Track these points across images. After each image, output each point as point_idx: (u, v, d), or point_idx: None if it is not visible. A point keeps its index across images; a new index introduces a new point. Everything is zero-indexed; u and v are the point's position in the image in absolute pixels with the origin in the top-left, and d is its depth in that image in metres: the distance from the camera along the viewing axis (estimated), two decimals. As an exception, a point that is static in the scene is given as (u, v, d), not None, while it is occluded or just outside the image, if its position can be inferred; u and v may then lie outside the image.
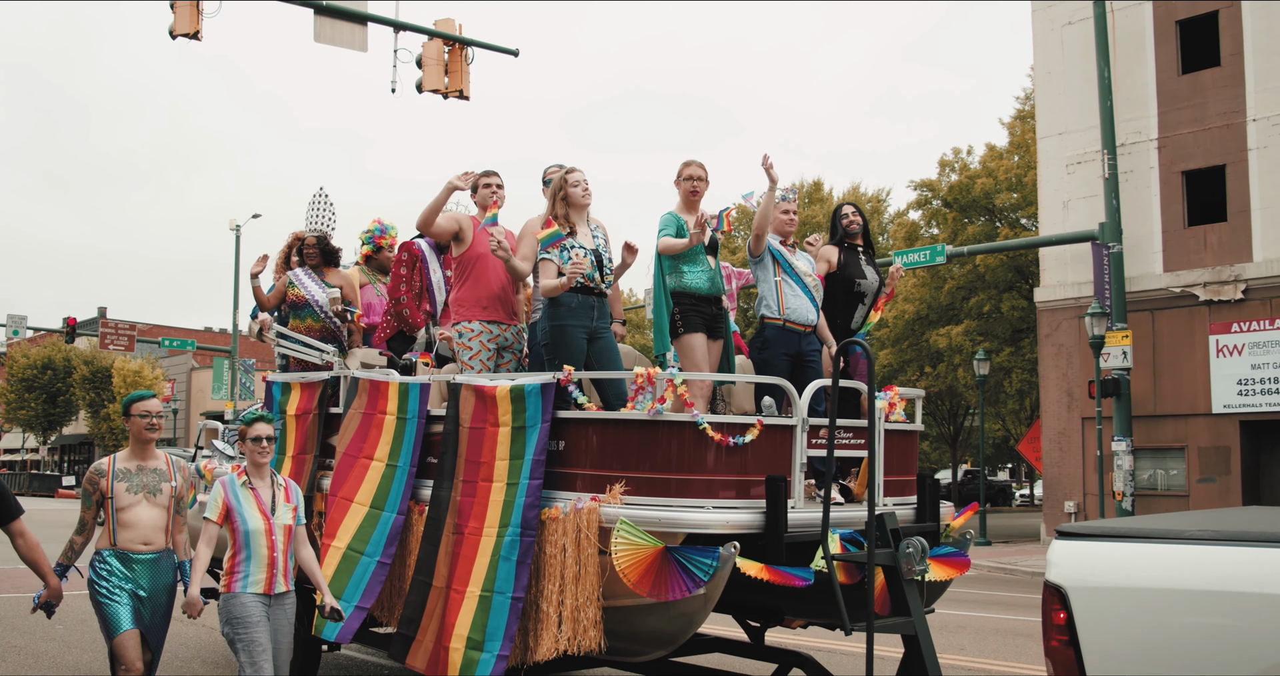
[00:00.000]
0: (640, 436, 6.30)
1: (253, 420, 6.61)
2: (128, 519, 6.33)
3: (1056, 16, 26.74)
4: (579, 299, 7.20)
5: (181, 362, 61.96)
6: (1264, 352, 23.22)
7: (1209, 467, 23.78)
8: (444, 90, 19.94)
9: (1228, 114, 24.06)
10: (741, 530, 6.03)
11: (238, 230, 41.70)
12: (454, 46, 19.95)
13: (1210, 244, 24.15)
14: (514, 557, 6.40)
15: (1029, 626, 13.02)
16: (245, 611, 6.29)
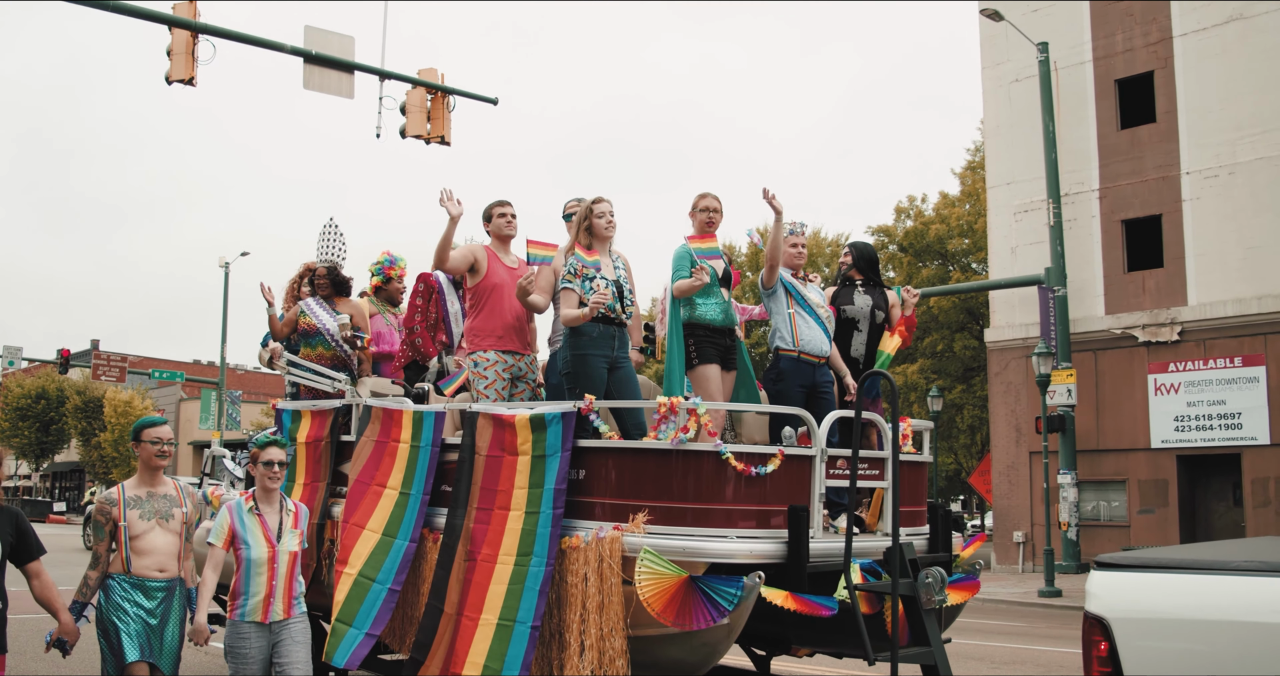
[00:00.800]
0: (662, 465, 5.92)
1: (265, 444, 6.25)
2: (142, 546, 5.87)
3: (1004, 74, 26.69)
4: (600, 329, 6.83)
5: (170, 394, 61.13)
6: (1198, 391, 23.16)
7: (1149, 499, 23.62)
8: (426, 136, 19.61)
9: (1163, 167, 24.05)
10: (764, 560, 5.68)
11: (226, 268, 41.13)
12: (436, 94, 19.63)
13: (1148, 288, 24.06)
14: (536, 587, 5.99)
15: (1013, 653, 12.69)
16: (240, 643, 5.96)
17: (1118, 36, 25.11)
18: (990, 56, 27.16)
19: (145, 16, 16.82)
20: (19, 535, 5.56)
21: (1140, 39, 24.74)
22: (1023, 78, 26.01)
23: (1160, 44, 24.40)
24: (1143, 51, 24.67)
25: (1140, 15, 24.83)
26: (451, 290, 8.63)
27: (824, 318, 7.41)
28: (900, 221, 39.60)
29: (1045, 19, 25.77)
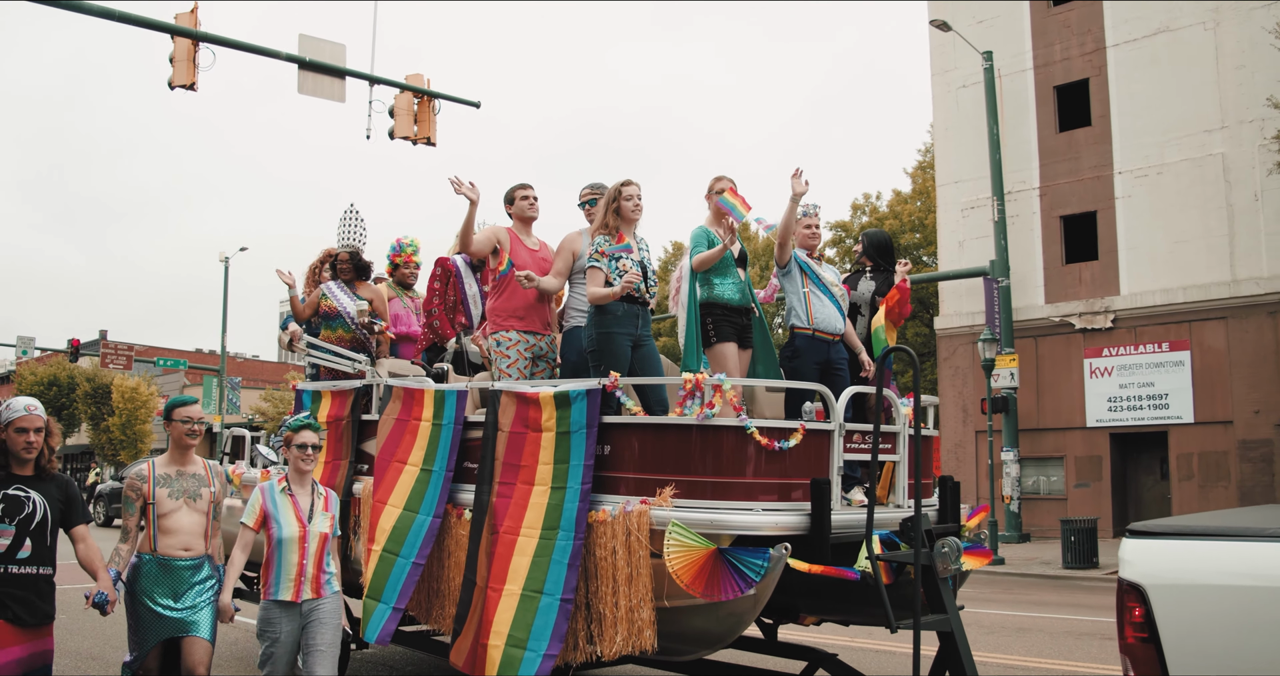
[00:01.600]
0: (688, 441, 5.56)
1: (299, 427, 5.85)
2: (169, 524, 5.53)
3: (952, 81, 26.54)
4: (625, 307, 6.46)
5: (174, 380, 60.33)
6: (1129, 374, 23.22)
7: (1084, 474, 23.59)
8: (413, 137, 19.17)
9: (1098, 167, 24.00)
10: (788, 531, 5.32)
11: (226, 262, 40.46)
12: (422, 99, 19.19)
13: (1084, 279, 24.00)
14: (565, 560, 5.61)
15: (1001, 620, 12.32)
16: (271, 623, 5.58)
17: (1056, 46, 25.02)
18: (939, 64, 26.99)
19: (150, 26, 16.44)
20: (67, 502, 5.30)
21: (1077, 49, 24.67)
22: (969, 84, 25.86)
23: (1095, 54, 24.36)
24: (1079, 60, 24.62)
25: (1077, 27, 24.76)
26: (469, 273, 8.18)
27: (838, 296, 7.06)
28: (856, 217, 39.55)
29: (990, 30, 25.64)
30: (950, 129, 26.67)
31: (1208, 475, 22.33)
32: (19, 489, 5.12)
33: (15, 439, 5.13)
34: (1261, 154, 21.67)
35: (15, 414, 5.15)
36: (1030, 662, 9.25)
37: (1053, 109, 24.80)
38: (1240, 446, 21.86)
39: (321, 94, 18.52)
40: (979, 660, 6.17)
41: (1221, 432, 22.17)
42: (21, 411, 5.16)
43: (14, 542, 5.02)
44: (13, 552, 5.02)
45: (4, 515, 5.04)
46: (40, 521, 5.12)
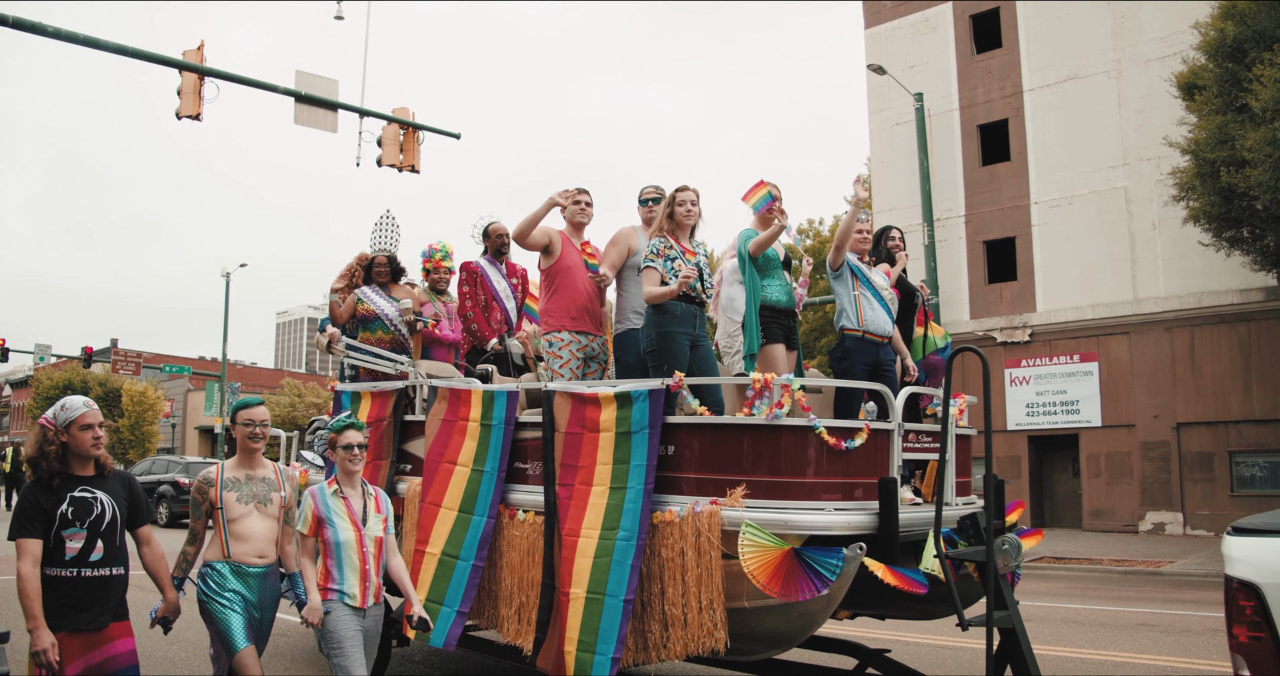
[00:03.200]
0: (756, 441, 5.06)
1: (343, 427, 5.18)
2: (240, 530, 4.91)
3: (887, 119, 26.38)
4: (683, 307, 5.95)
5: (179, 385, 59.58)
6: (1045, 383, 23.19)
7: (1005, 473, 23.16)
8: (399, 165, 18.87)
9: (1016, 197, 23.95)
10: (859, 531, 4.88)
11: (227, 277, 39.51)
12: (408, 130, 18.90)
13: (1005, 298, 23.91)
14: (626, 561, 5.11)
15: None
16: (340, 628, 4.87)
17: (979, 89, 24.95)
18: (875, 104, 26.78)
19: (161, 61, 16.19)
20: (132, 500, 4.72)
21: (998, 92, 24.63)
22: (902, 122, 25.71)
23: (1014, 97, 24.31)
24: (999, 102, 24.58)
25: (997, 73, 24.70)
26: (494, 270, 7.76)
27: (888, 299, 6.63)
28: (800, 242, 39.74)
29: (920, 74, 25.53)
30: (885, 162, 26.48)
31: (1113, 473, 22.26)
32: (85, 490, 4.53)
33: (81, 437, 4.50)
34: (1158, 188, 21.81)
35: (77, 411, 4.52)
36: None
37: (976, 145, 24.72)
38: (1142, 447, 21.79)
39: (316, 125, 18.12)
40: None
41: (1125, 435, 22.37)
42: (82, 408, 4.54)
43: (85, 545, 4.47)
44: (85, 555, 4.46)
45: (74, 518, 4.46)
46: (110, 522, 4.55)
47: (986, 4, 25.18)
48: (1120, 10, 23.02)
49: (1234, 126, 16.48)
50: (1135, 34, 22.74)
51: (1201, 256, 20.79)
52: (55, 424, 4.51)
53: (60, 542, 4.41)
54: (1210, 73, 17.50)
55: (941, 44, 25.88)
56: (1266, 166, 15.39)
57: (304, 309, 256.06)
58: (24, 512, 4.40)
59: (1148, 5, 22.57)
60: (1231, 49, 16.81)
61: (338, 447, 5.14)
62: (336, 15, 21.14)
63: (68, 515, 4.43)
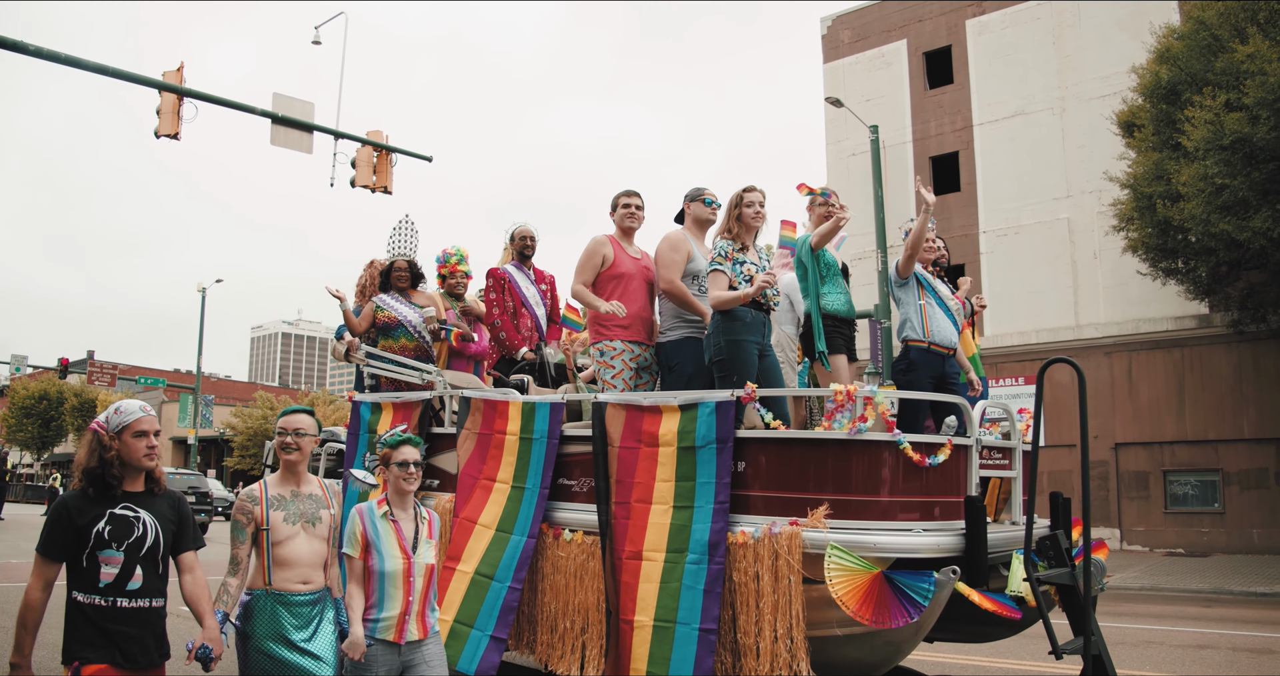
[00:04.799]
0: (837, 456, 4.48)
1: (398, 442, 4.47)
2: (285, 554, 4.16)
3: (844, 150, 26.33)
4: (753, 314, 5.32)
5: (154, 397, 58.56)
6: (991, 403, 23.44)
7: None
8: (372, 186, 18.51)
9: (965, 226, 23.97)
10: (947, 553, 4.34)
11: (203, 292, 38.64)
12: (381, 152, 18.53)
13: None
14: (699, 586, 4.49)
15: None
16: (368, 665, 4.15)
17: (931, 123, 25.00)
18: (833, 135, 26.69)
19: (140, 81, 15.89)
20: (180, 522, 3.92)
21: (949, 126, 24.70)
22: (858, 153, 25.63)
23: (964, 130, 24.39)
24: (950, 135, 24.66)
25: (949, 107, 24.76)
26: (522, 276, 7.19)
27: (953, 310, 6.13)
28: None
29: (876, 107, 25.47)
30: (842, 191, 26.42)
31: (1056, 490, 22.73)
32: (127, 508, 3.76)
33: (134, 445, 3.76)
34: (1099, 219, 21.95)
35: (132, 416, 3.80)
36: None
37: (929, 176, 24.65)
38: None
39: (291, 146, 17.57)
40: None
41: (1066, 454, 22.43)
42: (138, 412, 3.82)
43: (123, 571, 3.69)
44: (122, 583, 3.68)
45: (111, 539, 3.68)
46: (152, 546, 3.77)
47: (939, 42, 25.31)
48: (1065, 50, 23.26)
49: (1169, 163, 16.76)
50: (1078, 73, 22.98)
51: (1139, 285, 20.83)
52: (108, 428, 3.81)
53: (94, 565, 3.67)
54: (1147, 112, 17.80)
55: (896, 79, 25.91)
56: (1199, 201, 15.68)
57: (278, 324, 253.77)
58: (51, 527, 3.69)
59: (1090, 47, 22.85)
60: (1166, 91, 17.10)
61: (391, 464, 4.43)
62: (314, 40, 21.08)
63: (104, 534, 3.68)
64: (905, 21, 26.01)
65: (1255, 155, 14.99)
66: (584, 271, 5.98)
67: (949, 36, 25.16)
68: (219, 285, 41.21)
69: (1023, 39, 23.88)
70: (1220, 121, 14.92)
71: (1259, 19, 15.38)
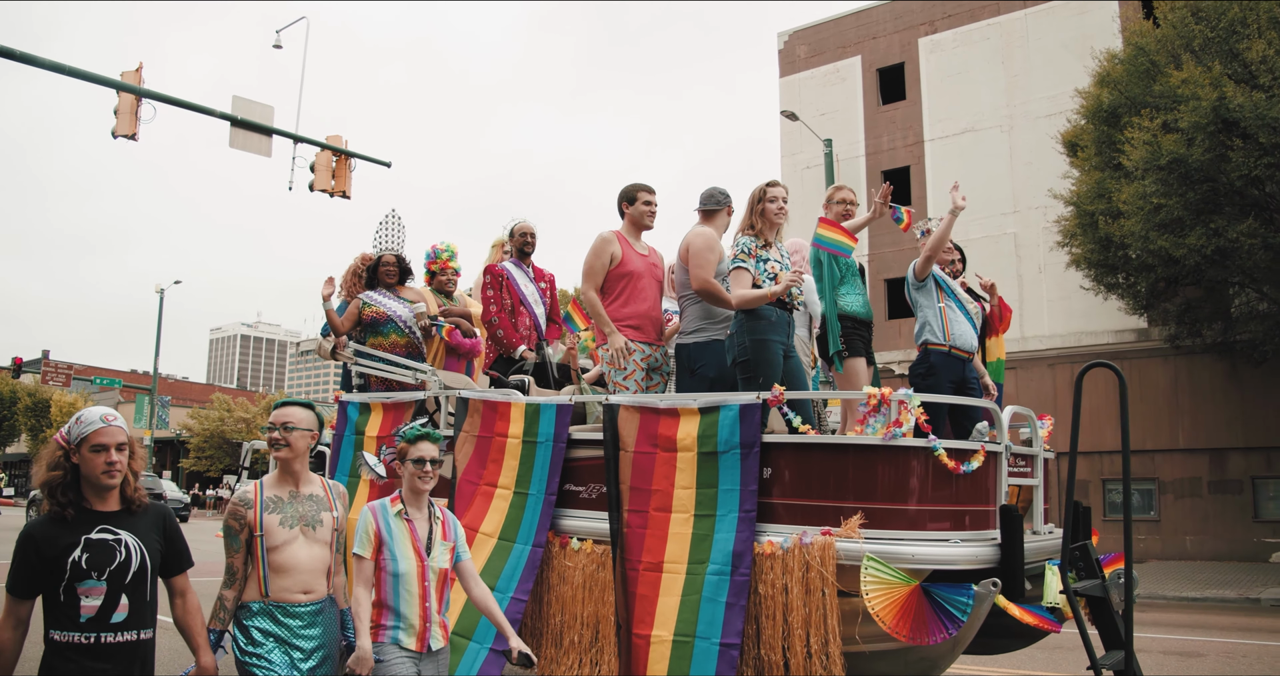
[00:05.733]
0: (870, 463, 4.16)
1: (415, 437, 4.05)
2: (282, 561, 3.68)
3: (799, 162, 26.31)
4: (778, 313, 4.99)
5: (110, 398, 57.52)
6: (938, 412, 23.69)
7: None
8: (331, 190, 18.23)
9: (915, 239, 24.71)
10: (984, 565, 4.06)
11: (161, 293, 37.97)
12: (340, 157, 18.27)
13: (904, 333, 23.66)
14: (721, 598, 4.16)
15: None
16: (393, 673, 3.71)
17: (884, 138, 25.06)
18: (788, 148, 26.69)
19: (97, 81, 15.66)
20: (168, 540, 3.43)
21: (900, 141, 24.81)
22: (812, 165, 25.70)
23: (915, 145, 24.50)
24: (902, 150, 24.74)
25: (901, 123, 24.87)
26: (520, 273, 6.82)
27: (973, 313, 5.80)
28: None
29: (830, 121, 25.51)
30: (795, 203, 26.94)
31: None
32: (105, 531, 3.26)
33: (92, 461, 3.25)
34: (1044, 235, 22.23)
35: (90, 426, 3.28)
36: None
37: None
38: (1025, 474, 22.57)
39: (250, 149, 17.22)
40: None
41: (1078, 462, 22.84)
42: (98, 422, 3.29)
43: (107, 602, 3.19)
44: (106, 615, 3.19)
45: (90, 568, 3.18)
46: (137, 571, 3.27)
47: (892, 59, 25.43)
48: (1013, 70, 23.53)
49: (1110, 182, 17.07)
50: (1026, 93, 23.27)
51: (1082, 299, 20.95)
52: (69, 441, 3.29)
53: (73, 598, 3.16)
54: (1089, 133, 18.10)
55: (850, 94, 25.99)
56: (1138, 219, 15.99)
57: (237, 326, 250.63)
58: (18, 563, 3.19)
59: (1037, 68, 23.14)
60: (1107, 113, 17.40)
61: (407, 460, 4.02)
62: (275, 44, 20.89)
63: (81, 564, 3.17)
64: (860, 38, 26.24)
65: (1190, 176, 15.32)
66: (594, 273, 5.55)
67: (902, 54, 25.40)
68: (178, 286, 40.66)
69: (973, 58, 24.17)
70: (1157, 143, 15.23)
71: (1194, 46, 15.71)
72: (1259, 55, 14.50)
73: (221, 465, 46.92)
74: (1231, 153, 14.65)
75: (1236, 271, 16.39)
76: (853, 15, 26.50)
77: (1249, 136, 14.62)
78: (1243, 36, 14.98)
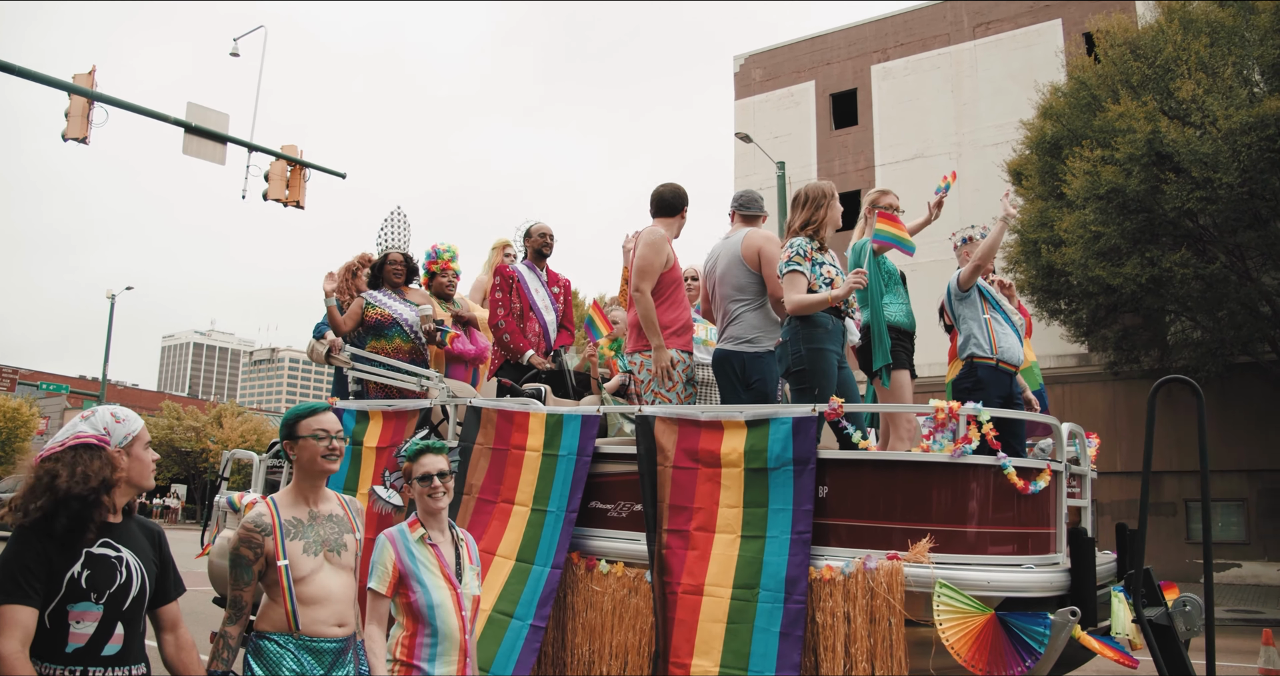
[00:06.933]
0: (934, 481, 3.84)
1: (417, 452, 3.61)
2: (311, 592, 3.16)
3: (752, 183, 25.84)
4: (833, 321, 4.68)
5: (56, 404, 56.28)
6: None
7: None
8: (285, 200, 17.90)
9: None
10: (1054, 592, 3.77)
11: (112, 299, 37.07)
12: (295, 167, 17.95)
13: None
14: (774, 628, 3.81)
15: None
16: None
17: (836, 161, 25.12)
18: (741, 169, 26.73)
19: (49, 83, 15.42)
20: (162, 565, 2.87)
21: (852, 165, 24.90)
22: (765, 187, 25.39)
23: (866, 170, 24.55)
24: (853, 174, 24.81)
25: (853, 147, 25.00)
26: (533, 277, 6.49)
27: (1018, 324, 5.47)
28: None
29: (783, 144, 25.58)
30: None
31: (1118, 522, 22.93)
32: (107, 545, 2.70)
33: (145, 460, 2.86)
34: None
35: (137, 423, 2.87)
36: None
37: None
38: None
39: (204, 156, 16.75)
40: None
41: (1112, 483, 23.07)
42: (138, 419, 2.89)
43: (100, 630, 2.63)
44: (97, 647, 2.62)
45: (90, 587, 2.63)
46: (136, 596, 2.74)
47: (845, 85, 25.63)
48: (962, 99, 23.85)
49: (1053, 211, 17.43)
50: (974, 122, 23.60)
51: (1025, 324, 21.80)
52: (111, 441, 2.77)
53: (61, 624, 2.59)
54: (1033, 163, 18.49)
55: (804, 118, 26.09)
56: (1078, 247, 16.34)
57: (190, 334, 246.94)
58: (19, 566, 2.56)
59: (985, 97, 23.50)
60: (1050, 144, 17.84)
61: (414, 479, 3.58)
62: (232, 52, 20.70)
63: (80, 582, 2.61)
64: (814, 64, 26.54)
65: (1127, 205, 15.67)
66: (652, 273, 5.10)
67: (855, 80, 25.70)
68: (130, 292, 40.04)
69: (923, 86, 24.52)
70: (1097, 173, 15.58)
71: (1131, 82, 16.12)
72: (1190, 94, 14.92)
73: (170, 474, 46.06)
74: (1166, 185, 15.04)
75: (1171, 300, 16.77)
76: (807, 41, 26.80)
77: (1182, 171, 15.02)
78: (1176, 74, 15.42)
